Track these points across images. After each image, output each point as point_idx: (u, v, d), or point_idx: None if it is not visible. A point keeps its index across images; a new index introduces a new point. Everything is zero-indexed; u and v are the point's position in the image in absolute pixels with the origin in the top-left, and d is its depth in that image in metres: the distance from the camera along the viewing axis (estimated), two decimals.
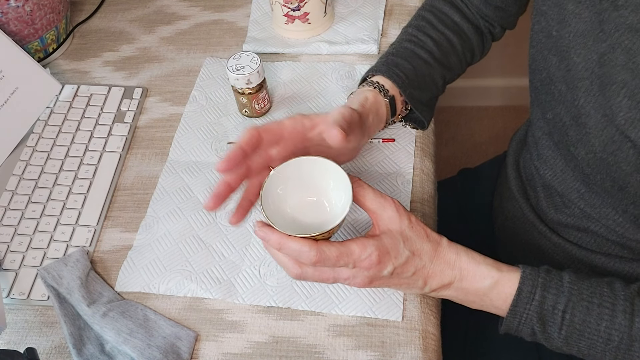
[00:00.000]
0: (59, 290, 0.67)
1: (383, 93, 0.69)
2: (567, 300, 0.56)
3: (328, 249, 0.54)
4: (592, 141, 0.59)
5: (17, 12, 0.85)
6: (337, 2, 0.94)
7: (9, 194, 0.77)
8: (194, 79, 0.88)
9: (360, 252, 0.55)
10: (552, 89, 0.64)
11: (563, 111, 0.63)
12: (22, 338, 0.66)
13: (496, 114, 1.83)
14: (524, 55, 1.36)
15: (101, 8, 1.01)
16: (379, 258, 0.55)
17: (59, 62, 0.93)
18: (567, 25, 0.58)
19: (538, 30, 0.64)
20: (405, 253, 0.57)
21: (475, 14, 0.77)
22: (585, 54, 0.57)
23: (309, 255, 0.54)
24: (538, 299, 0.57)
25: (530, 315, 0.57)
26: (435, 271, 0.58)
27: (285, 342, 0.64)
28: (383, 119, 0.71)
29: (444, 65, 0.75)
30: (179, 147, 0.81)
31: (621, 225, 0.65)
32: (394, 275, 0.57)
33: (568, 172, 0.68)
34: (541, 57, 0.64)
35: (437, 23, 0.75)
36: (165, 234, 0.72)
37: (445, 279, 0.58)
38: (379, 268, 0.56)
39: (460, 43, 0.76)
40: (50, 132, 0.83)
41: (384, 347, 0.62)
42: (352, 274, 0.56)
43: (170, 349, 0.63)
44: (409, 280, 0.58)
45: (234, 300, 0.66)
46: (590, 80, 0.57)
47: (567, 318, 0.56)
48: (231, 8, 0.98)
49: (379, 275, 0.56)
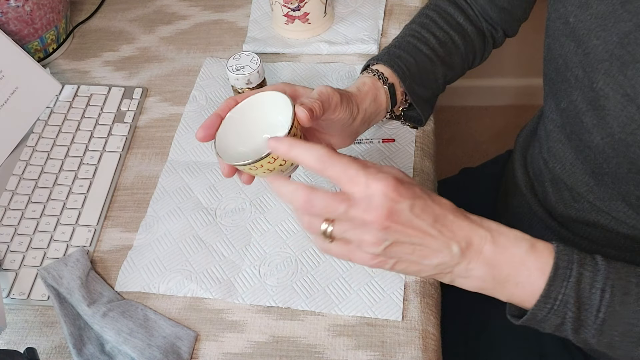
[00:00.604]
0: (59, 290, 0.67)
1: (382, 80, 0.67)
2: (605, 278, 0.51)
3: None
4: (610, 123, 0.59)
5: (17, 11, 0.85)
6: (337, 2, 0.94)
7: (9, 194, 0.77)
8: (194, 79, 0.88)
9: (376, 172, 0.48)
10: (569, 76, 0.63)
11: (579, 97, 0.62)
12: (22, 338, 0.66)
13: (497, 113, 1.83)
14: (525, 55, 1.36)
15: (101, 8, 1.01)
16: (395, 182, 0.47)
17: (59, 62, 0.93)
18: (588, 8, 0.58)
19: (555, 18, 0.64)
20: (422, 195, 0.49)
21: (479, 16, 0.77)
22: (605, 36, 0.57)
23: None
24: (575, 275, 0.50)
25: (566, 295, 0.50)
26: (463, 226, 0.50)
27: (285, 342, 0.64)
28: (382, 107, 0.68)
29: (446, 64, 0.74)
30: (179, 147, 0.81)
31: (632, 217, 0.65)
32: (412, 214, 0.48)
33: (578, 165, 0.68)
34: (558, 44, 0.64)
35: (442, 22, 0.75)
36: (165, 233, 0.72)
37: (474, 236, 0.50)
38: (396, 195, 0.47)
39: (463, 44, 0.75)
40: (50, 132, 0.83)
41: (384, 347, 0.62)
42: (366, 200, 0.47)
43: (171, 349, 0.63)
44: (430, 231, 0.49)
45: (234, 300, 0.66)
46: (610, 62, 0.57)
47: (606, 297, 0.50)
48: (231, 8, 0.98)
49: (395, 207, 0.47)
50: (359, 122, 0.64)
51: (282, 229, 0.71)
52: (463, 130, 1.80)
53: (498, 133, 1.78)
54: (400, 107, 0.72)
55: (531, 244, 0.51)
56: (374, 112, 0.67)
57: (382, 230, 0.48)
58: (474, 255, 0.51)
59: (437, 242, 0.50)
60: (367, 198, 0.47)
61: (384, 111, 0.69)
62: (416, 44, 0.73)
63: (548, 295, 0.51)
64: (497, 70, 1.71)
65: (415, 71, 0.70)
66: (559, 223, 0.74)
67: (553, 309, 0.51)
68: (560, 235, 0.74)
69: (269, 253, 0.69)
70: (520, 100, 1.80)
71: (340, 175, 0.48)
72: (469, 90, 1.78)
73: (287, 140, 0.51)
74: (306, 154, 0.49)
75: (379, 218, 0.47)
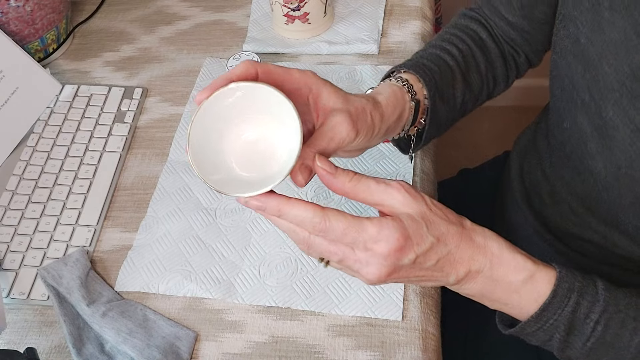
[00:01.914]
0: (58, 290, 0.67)
1: (411, 94, 0.61)
2: (602, 311, 0.50)
3: (336, 217, 0.47)
4: (617, 155, 0.57)
5: (18, 12, 0.85)
6: (337, 2, 0.94)
7: (9, 194, 0.77)
8: (194, 79, 0.88)
9: (377, 233, 0.47)
10: (575, 97, 0.61)
11: (585, 121, 0.61)
12: (22, 338, 0.66)
13: (496, 114, 1.82)
14: None
15: (101, 8, 1.01)
16: (399, 242, 0.47)
17: (59, 62, 0.94)
18: (601, 32, 0.56)
19: (564, 36, 0.61)
20: (429, 239, 0.48)
21: (501, 38, 0.72)
22: (617, 64, 0.55)
23: (312, 221, 0.47)
24: (572, 304, 0.50)
25: (557, 321, 0.51)
26: (463, 257, 0.50)
27: (285, 342, 0.64)
28: (401, 121, 0.60)
29: (466, 80, 0.68)
30: (179, 147, 0.81)
31: (626, 244, 0.64)
32: (415, 264, 0.48)
33: (573, 187, 0.67)
34: (565, 63, 0.62)
35: (464, 36, 0.71)
36: (165, 234, 0.72)
37: (474, 265, 0.50)
38: (399, 255, 0.47)
39: (484, 61, 0.70)
40: (51, 132, 0.83)
41: (383, 347, 0.62)
42: (366, 258, 0.47)
43: (170, 349, 0.63)
44: (432, 271, 0.50)
45: (234, 300, 0.66)
46: (620, 93, 0.55)
47: (598, 330, 0.51)
48: (231, 8, 0.98)
49: (397, 264, 0.47)
50: (377, 138, 0.57)
51: None
52: (462, 131, 1.80)
53: (498, 134, 1.78)
54: (416, 127, 0.64)
55: (530, 274, 0.51)
56: (392, 126, 0.59)
57: (380, 280, 0.49)
58: (469, 280, 0.51)
59: (436, 276, 0.50)
60: (367, 258, 0.47)
61: (401, 126, 0.61)
62: (439, 53, 0.68)
63: (538, 319, 0.51)
64: None
65: (440, 80, 0.65)
66: (554, 236, 0.73)
67: (542, 328, 0.51)
68: (555, 247, 0.73)
69: (269, 253, 0.69)
70: (521, 102, 1.80)
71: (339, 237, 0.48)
72: None
73: (277, 200, 0.48)
74: (300, 215, 0.47)
75: (379, 277, 0.48)
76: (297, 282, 0.67)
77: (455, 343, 0.78)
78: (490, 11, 0.72)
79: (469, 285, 0.51)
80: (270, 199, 0.47)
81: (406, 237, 0.47)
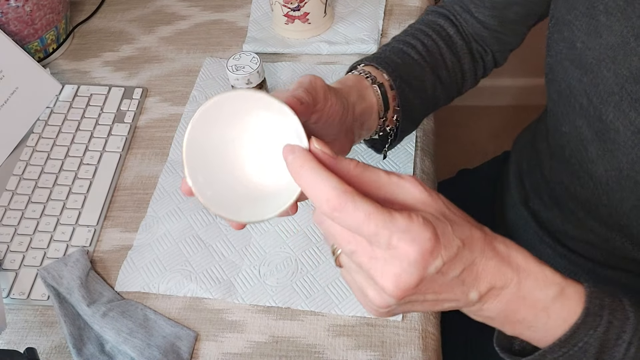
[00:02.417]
0: (59, 290, 0.67)
1: (371, 79, 0.59)
2: (635, 330, 0.45)
3: (361, 200, 0.38)
4: (619, 158, 0.57)
5: (17, 12, 0.85)
6: (337, 2, 0.94)
7: (9, 194, 0.77)
8: (194, 79, 0.88)
9: (407, 226, 0.38)
10: (572, 102, 0.61)
11: (584, 125, 0.60)
12: (22, 338, 0.66)
13: (496, 113, 1.83)
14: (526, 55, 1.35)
15: (101, 8, 1.01)
16: (430, 243, 0.38)
17: (59, 62, 0.93)
18: (598, 37, 0.55)
19: (558, 40, 0.61)
20: (455, 242, 0.40)
21: (470, 35, 0.72)
22: (616, 68, 0.54)
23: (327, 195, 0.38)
24: (605, 324, 0.44)
25: (588, 344, 0.44)
26: (487, 268, 0.42)
27: (285, 342, 0.64)
28: (373, 107, 0.58)
29: (435, 73, 0.67)
30: (179, 148, 0.81)
31: (628, 248, 0.64)
32: (438, 275, 0.40)
33: (572, 192, 0.67)
34: (561, 67, 0.61)
35: (430, 31, 0.70)
36: (165, 233, 0.72)
37: (499, 280, 0.42)
38: (428, 260, 0.38)
39: (450, 56, 0.69)
40: (50, 132, 0.83)
41: (383, 347, 0.62)
42: (386, 256, 0.38)
43: (170, 349, 0.63)
44: (453, 285, 0.41)
45: (234, 300, 0.66)
46: (620, 96, 0.54)
47: (631, 351, 0.45)
48: (231, 8, 0.98)
49: (424, 273, 0.39)
50: (351, 120, 0.55)
51: (282, 229, 0.71)
52: (461, 131, 1.80)
53: (497, 133, 1.78)
54: (394, 116, 0.63)
55: (560, 288, 0.44)
56: (364, 111, 0.57)
57: (397, 300, 0.40)
58: (491, 297, 0.43)
59: (456, 293, 0.42)
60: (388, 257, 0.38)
61: (376, 113, 0.59)
62: (402, 47, 0.67)
63: (568, 341, 0.44)
64: (498, 70, 1.71)
65: (404, 72, 0.63)
66: (554, 238, 0.73)
67: (569, 353, 0.45)
68: (555, 250, 0.73)
69: (269, 253, 0.69)
70: (521, 101, 1.80)
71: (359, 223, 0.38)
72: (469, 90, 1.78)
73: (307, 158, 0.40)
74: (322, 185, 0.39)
75: (397, 292, 0.39)
76: (297, 282, 0.67)
77: (455, 343, 0.78)
78: (462, 8, 0.71)
79: (490, 304, 0.43)
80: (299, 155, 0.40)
81: (437, 237, 0.39)
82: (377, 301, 0.41)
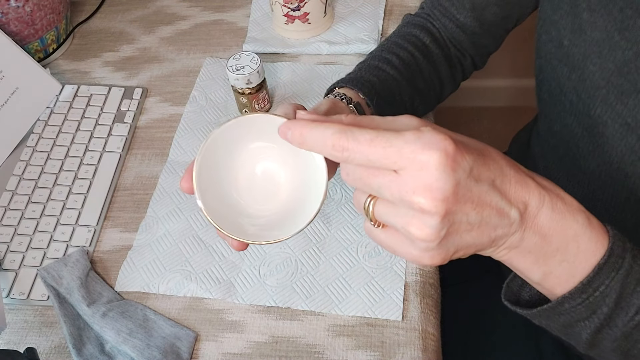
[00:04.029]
0: (58, 290, 0.67)
1: (346, 101, 0.60)
2: None
3: (359, 130, 0.38)
4: (608, 151, 0.58)
5: (18, 12, 0.85)
6: (337, 2, 0.94)
7: (9, 194, 0.77)
8: (194, 79, 0.89)
9: (415, 136, 0.37)
10: (563, 100, 0.62)
11: (574, 122, 0.61)
12: (22, 338, 0.66)
13: (495, 114, 1.83)
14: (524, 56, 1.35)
15: (101, 8, 1.01)
16: (451, 143, 0.37)
17: (59, 62, 0.94)
18: (582, 33, 0.57)
19: (547, 40, 0.62)
20: (474, 150, 0.39)
21: (448, 42, 0.73)
22: (601, 62, 0.55)
23: (331, 140, 0.38)
24: (626, 267, 0.43)
25: (609, 288, 0.43)
26: (519, 180, 0.40)
27: (285, 342, 0.64)
28: None
29: (412, 85, 0.68)
30: (179, 147, 0.81)
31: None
32: (471, 179, 0.38)
33: (569, 189, 0.67)
34: (550, 67, 0.63)
35: (406, 44, 0.71)
36: (165, 234, 0.72)
37: (531, 197, 0.40)
38: (455, 158, 0.37)
39: (427, 66, 0.70)
40: (50, 132, 0.83)
41: (383, 347, 0.62)
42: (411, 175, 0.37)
43: (170, 349, 0.63)
44: (492, 195, 0.39)
45: (234, 300, 0.66)
46: (607, 90, 0.55)
47: None
48: (231, 8, 0.98)
49: (455, 177, 0.37)
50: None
51: None
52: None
53: (497, 135, 1.78)
54: None
55: (587, 216, 0.43)
56: None
57: (440, 218, 0.38)
58: (529, 222, 0.41)
59: (498, 209, 0.40)
60: (417, 174, 0.37)
61: None
62: (378, 64, 0.68)
63: (589, 284, 0.43)
64: (497, 72, 1.71)
65: (381, 89, 0.64)
66: None
67: (588, 300, 0.44)
68: None
69: (269, 253, 0.69)
70: (520, 102, 1.80)
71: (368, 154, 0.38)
72: (467, 92, 1.78)
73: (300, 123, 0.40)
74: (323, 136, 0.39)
75: (436, 203, 0.37)
76: (297, 282, 0.67)
77: (455, 343, 0.78)
78: (441, 12, 0.72)
79: (529, 233, 0.41)
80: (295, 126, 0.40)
81: (454, 140, 0.37)
82: (422, 232, 0.38)
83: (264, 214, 0.47)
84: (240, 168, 0.47)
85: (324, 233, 0.70)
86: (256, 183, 0.47)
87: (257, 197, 0.47)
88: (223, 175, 0.47)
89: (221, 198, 0.46)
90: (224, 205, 0.46)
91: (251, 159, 0.47)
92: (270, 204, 0.47)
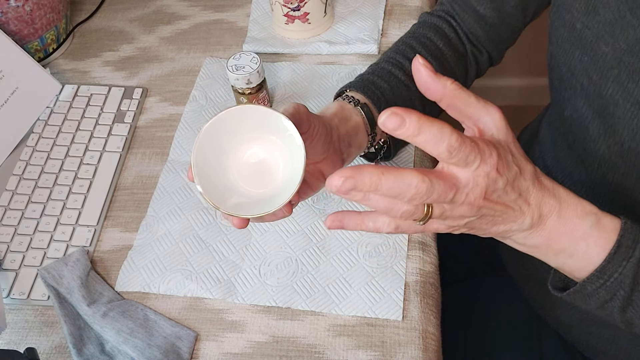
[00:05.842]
0: (59, 290, 0.67)
1: (353, 103, 0.63)
2: None
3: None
4: (619, 131, 0.58)
5: (17, 11, 0.85)
6: (337, 2, 0.94)
7: (9, 194, 0.77)
8: (194, 78, 0.89)
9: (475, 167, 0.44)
10: (574, 83, 0.63)
11: (585, 105, 0.62)
12: (22, 338, 0.66)
13: None
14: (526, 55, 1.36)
15: (101, 8, 1.01)
16: (497, 160, 0.44)
17: (59, 62, 0.93)
18: (596, 14, 0.58)
19: (559, 26, 0.63)
20: (514, 168, 0.46)
21: (465, 38, 0.74)
22: (614, 42, 0.57)
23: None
24: (637, 256, 0.49)
25: (622, 275, 0.49)
26: (537, 197, 0.48)
27: (285, 342, 0.64)
28: (360, 127, 0.63)
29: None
30: (179, 147, 0.81)
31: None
32: (506, 190, 0.46)
33: (578, 177, 0.68)
34: (562, 51, 0.64)
35: (419, 47, 0.72)
36: (165, 233, 0.72)
37: (544, 208, 0.48)
38: (496, 175, 0.45)
39: (440, 69, 0.71)
40: (50, 132, 0.83)
41: (384, 347, 0.62)
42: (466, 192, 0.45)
43: (171, 349, 0.63)
44: (513, 204, 0.47)
45: (234, 300, 0.66)
46: (619, 69, 0.57)
47: None
48: (231, 8, 0.98)
49: (493, 187, 0.45)
50: (337, 140, 0.59)
51: (282, 229, 0.71)
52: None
53: None
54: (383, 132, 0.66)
55: (597, 219, 0.49)
56: (349, 132, 0.62)
57: (476, 209, 0.46)
58: (539, 224, 0.49)
59: (515, 214, 0.48)
60: (472, 180, 0.44)
61: (363, 131, 0.64)
62: (390, 69, 0.69)
63: (603, 271, 0.49)
64: (499, 71, 1.71)
65: (391, 96, 0.67)
66: None
67: (605, 284, 0.49)
68: None
69: (269, 253, 0.69)
70: (522, 101, 1.80)
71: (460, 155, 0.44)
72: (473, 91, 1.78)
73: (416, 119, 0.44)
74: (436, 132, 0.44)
75: (478, 200, 0.45)
76: (298, 281, 0.67)
77: (455, 343, 0.78)
78: (460, 6, 0.73)
79: (536, 232, 0.49)
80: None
81: (501, 156, 0.45)
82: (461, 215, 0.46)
83: (259, 192, 0.52)
84: (236, 154, 0.52)
85: (324, 233, 0.70)
86: (251, 167, 0.53)
87: (252, 181, 0.52)
88: (221, 160, 0.51)
89: (218, 181, 0.51)
90: (220, 188, 0.51)
91: (246, 146, 0.52)
92: (264, 186, 0.52)
